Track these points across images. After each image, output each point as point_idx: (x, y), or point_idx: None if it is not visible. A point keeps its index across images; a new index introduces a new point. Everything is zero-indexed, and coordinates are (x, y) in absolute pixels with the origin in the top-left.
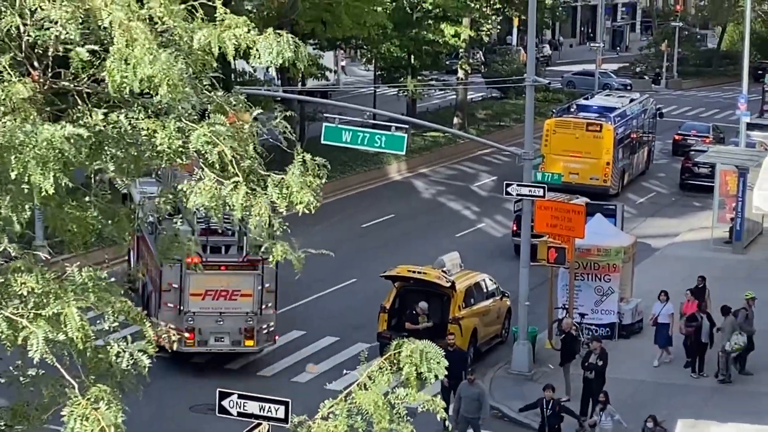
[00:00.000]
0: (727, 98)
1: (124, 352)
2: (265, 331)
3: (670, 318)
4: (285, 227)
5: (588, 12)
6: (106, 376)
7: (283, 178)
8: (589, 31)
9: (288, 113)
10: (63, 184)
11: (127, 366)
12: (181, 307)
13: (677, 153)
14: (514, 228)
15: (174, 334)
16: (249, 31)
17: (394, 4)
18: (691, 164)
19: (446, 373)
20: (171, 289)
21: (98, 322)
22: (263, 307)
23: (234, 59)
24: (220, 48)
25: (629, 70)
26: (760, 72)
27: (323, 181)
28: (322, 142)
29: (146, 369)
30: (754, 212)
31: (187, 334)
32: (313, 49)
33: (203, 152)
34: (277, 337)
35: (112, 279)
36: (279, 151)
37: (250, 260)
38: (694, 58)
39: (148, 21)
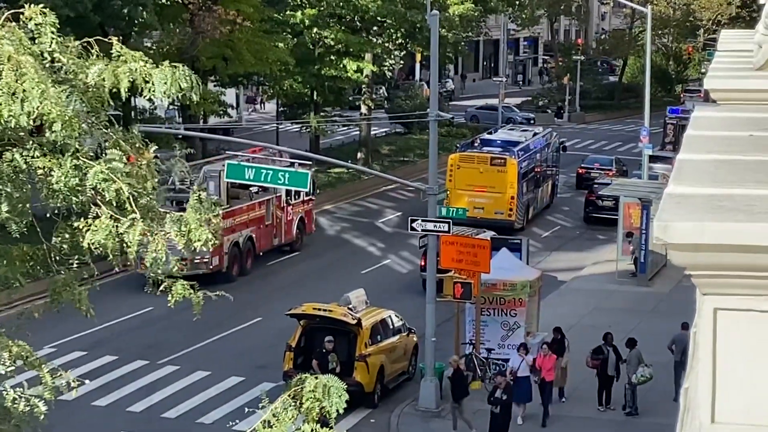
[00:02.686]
0: (630, 131)
1: (20, 397)
2: None
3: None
4: (184, 265)
5: (490, 46)
6: (3, 420)
7: (181, 215)
8: (492, 65)
9: (189, 151)
10: None
11: (23, 411)
12: None
13: (581, 186)
14: (422, 263)
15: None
16: (145, 64)
17: (295, 40)
18: (594, 197)
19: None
20: None
21: None
22: None
23: (132, 96)
24: (114, 83)
25: (532, 104)
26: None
27: (219, 221)
28: (225, 179)
29: (42, 417)
30: (654, 243)
31: None
32: (215, 86)
33: (101, 190)
34: None
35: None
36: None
37: None
38: (597, 91)
39: (40, 56)
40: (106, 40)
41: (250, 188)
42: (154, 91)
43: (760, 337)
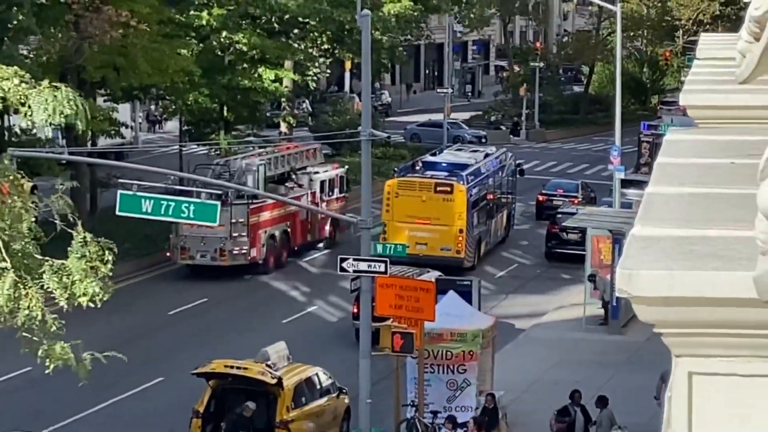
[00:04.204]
0: (598, 150)
1: None
2: None
3: None
4: (62, 324)
5: (433, 52)
6: None
7: (63, 264)
8: (436, 73)
9: (72, 184)
10: None
11: None
12: None
13: (542, 216)
14: (355, 310)
15: None
16: (20, 83)
17: (201, 46)
18: (557, 229)
19: None
20: None
21: None
22: None
23: (4, 114)
24: None
25: (483, 119)
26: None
27: (110, 267)
28: (118, 212)
29: None
30: (618, 293)
31: None
32: (105, 101)
33: None
34: None
35: None
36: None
37: None
38: (559, 103)
39: None
40: None
41: (287, 183)
42: (32, 115)
43: (744, 406)
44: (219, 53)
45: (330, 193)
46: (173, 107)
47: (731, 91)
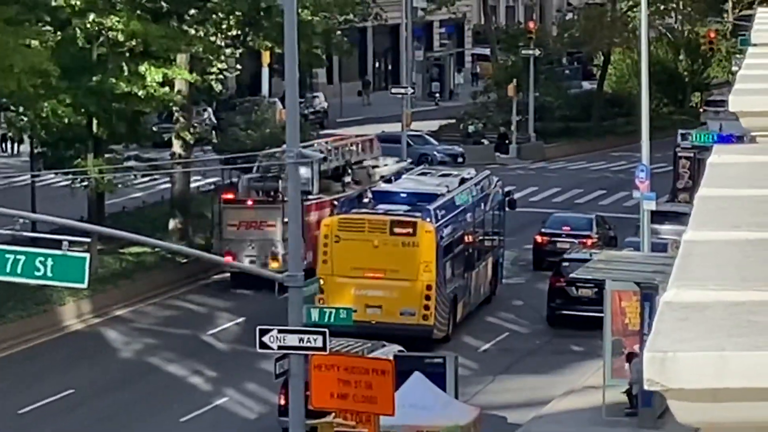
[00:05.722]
0: (619, 171)
1: None
2: None
3: None
4: None
5: (386, 38)
6: None
7: None
8: (390, 67)
9: None
10: None
11: None
12: None
13: (542, 266)
14: (282, 402)
15: None
16: None
17: (60, 35)
18: (564, 283)
19: None
20: None
21: None
22: None
23: None
24: None
25: (458, 130)
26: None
27: None
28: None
29: None
30: (647, 385)
31: None
32: None
33: None
34: None
35: None
36: None
37: None
38: (562, 107)
39: None
40: None
41: (343, 178)
42: None
43: None
44: (85, 45)
45: None
46: (21, 122)
47: None
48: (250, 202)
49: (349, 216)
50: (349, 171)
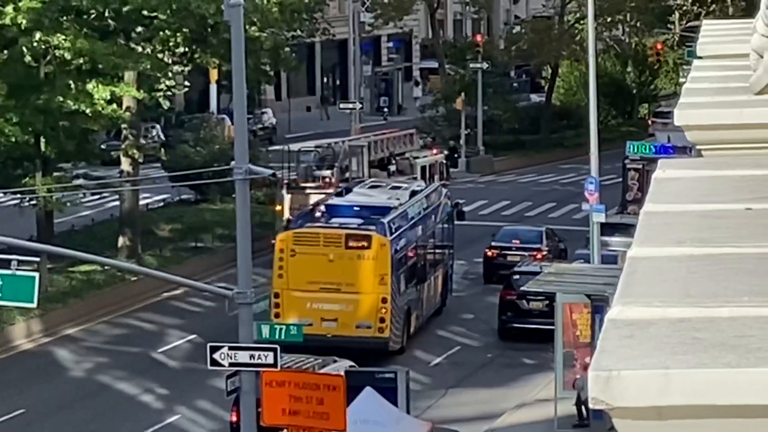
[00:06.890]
0: (568, 183)
1: None
2: None
3: None
4: None
5: (334, 52)
6: None
7: None
8: (338, 82)
9: None
10: None
11: None
12: None
13: (492, 279)
14: (234, 418)
15: None
16: None
17: (6, 53)
18: (515, 296)
19: None
20: None
21: None
22: None
23: None
24: None
25: None
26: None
27: None
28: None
29: None
30: (592, 404)
31: None
32: None
33: None
34: None
35: None
36: None
37: None
38: (511, 119)
39: None
40: None
41: (389, 167)
42: None
43: None
44: (32, 63)
45: (431, 180)
46: None
47: (745, 104)
48: (311, 185)
49: (303, 230)
50: (393, 161)
